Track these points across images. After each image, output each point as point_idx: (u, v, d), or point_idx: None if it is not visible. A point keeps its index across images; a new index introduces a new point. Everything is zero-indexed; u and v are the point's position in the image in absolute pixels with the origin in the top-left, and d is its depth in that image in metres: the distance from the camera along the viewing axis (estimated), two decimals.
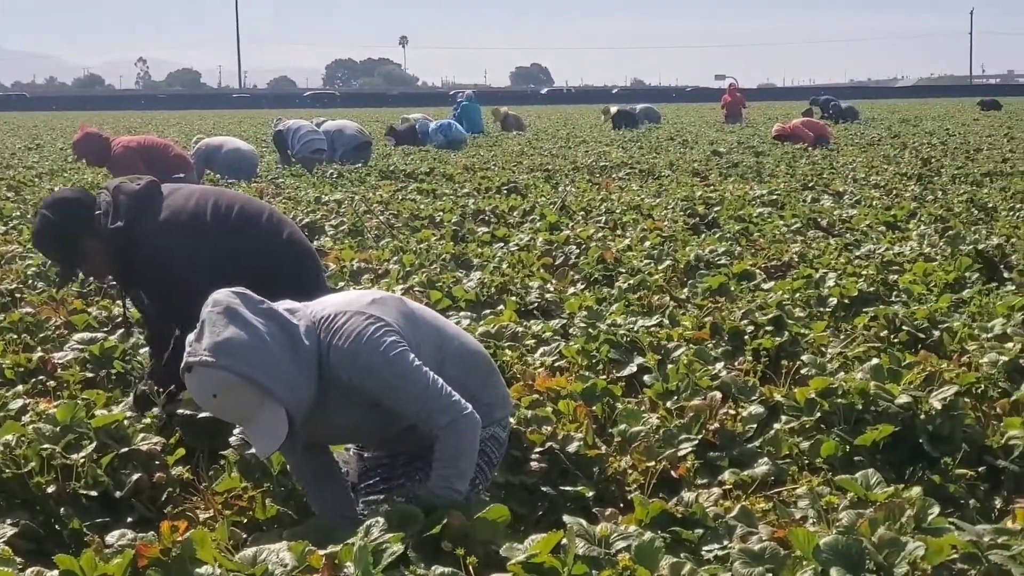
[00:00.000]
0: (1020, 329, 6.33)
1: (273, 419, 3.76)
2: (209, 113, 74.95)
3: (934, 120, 41.83)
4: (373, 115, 56.84)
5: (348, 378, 3.89)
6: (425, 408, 3.92)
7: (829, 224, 11.89)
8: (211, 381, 3.71)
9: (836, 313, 7.45)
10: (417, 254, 9.95)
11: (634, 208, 13.48)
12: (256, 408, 3.75)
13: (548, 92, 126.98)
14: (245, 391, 3.71)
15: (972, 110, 53.00)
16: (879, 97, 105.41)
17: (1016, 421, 4.84)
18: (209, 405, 3.82)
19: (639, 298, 7.88)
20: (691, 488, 4.44)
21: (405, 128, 29.54)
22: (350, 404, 3.98)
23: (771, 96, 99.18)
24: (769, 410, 5.19)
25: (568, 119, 50.24)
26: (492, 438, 4.21)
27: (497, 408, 4.29)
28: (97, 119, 54.64)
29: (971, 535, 3.51)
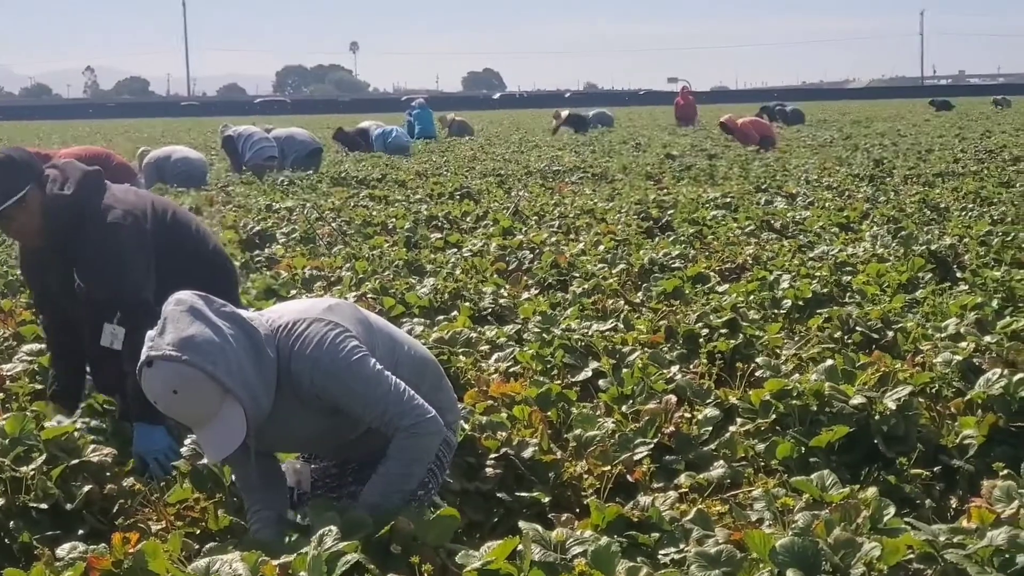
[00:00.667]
0: (973, 328, 6.35)
1: (231, 422, 3.69)
2: (158, 121, 74.64)
3: (886, 121, 42.11)
4: (324, 122, 56.66)
5: (310, 384, 3.84)
6: (388, 411, 3.89)
7: (783, 226, 11.92)
8: (173, 376, 3.62)
9: (790, 315, 7.47)
10: (370, 261, 9.90)
11: (587, 212, 13.49)
12: (215, 408, 3.68)
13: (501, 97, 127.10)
14: (207, 389, 3.64)
15: (923, 111, 53.43)
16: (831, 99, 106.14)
17: (970, 420, 4.85)
18: (167, 402, 3.68)
19: (593, 302, 7.86)
20: (647, 492, 4.41)
21: (353, 131, 29.53)
22: (311, 412, 3.94)
23: (724, 99, 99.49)
24: (724, 413, 5.19)
25: (521, 124, 50.27)
26: (444, 442, 4.17)
27: (448, 412, 4.26)
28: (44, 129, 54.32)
29: (927, 535, 3.51)
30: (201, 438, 3.81)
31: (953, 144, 25.49)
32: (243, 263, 10.04)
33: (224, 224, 12.88)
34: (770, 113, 42.05)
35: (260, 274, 9.40)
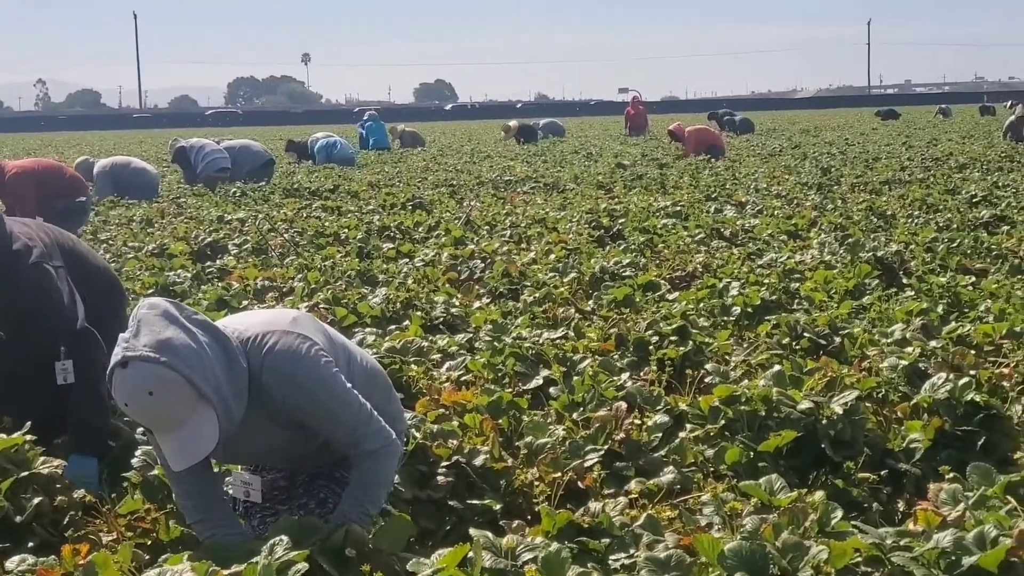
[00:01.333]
0: (919, 334, 6.43)
1: (202, 429, 3.63)
2: (110, 134, 74.19)
3: (833, 130, 42.44)
4: (277, 133, 56.54)
5: (282, 398, 3.82)
6: (355, 433, 3.90)
7: (732, 234, 12.00)
8: (150, 376, 3.54)
9: (740, 322, 7.52)
10: (322, 271, 9.90)
11: (539, 222, 13.53)
12: (188, 414, 3.61)
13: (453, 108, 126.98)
14: (183, 392, 3.57)
15: (871, 120, 53.91)
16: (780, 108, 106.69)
17: (916, 424, 4.91)
18: (140, 404, 3.58)
19: (544, 311, 7.89)
20: (598, 498, 4.44)
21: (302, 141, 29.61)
22: (274, 424, 3.90)
23: (674, 108, 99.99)
24: (674, 419, 5.22)
25: (473, 134, 50.30)
26: None
27: (398, 421, 4.29)
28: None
29: (874, 538, 3.55)
30: (167, 444, 3.70)
31: (900, 152, 25.72)
32: (195, 274, 10.02)
33: (176, 236, 12.85)
34: (719, 121, 42.36)
35: (212, 285, 9.38)
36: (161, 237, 12.91)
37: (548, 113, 75.35)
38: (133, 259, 11.12)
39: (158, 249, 11.82)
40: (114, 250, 12.06)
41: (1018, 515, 3.63)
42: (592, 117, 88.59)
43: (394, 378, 5.99)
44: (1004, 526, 3.49)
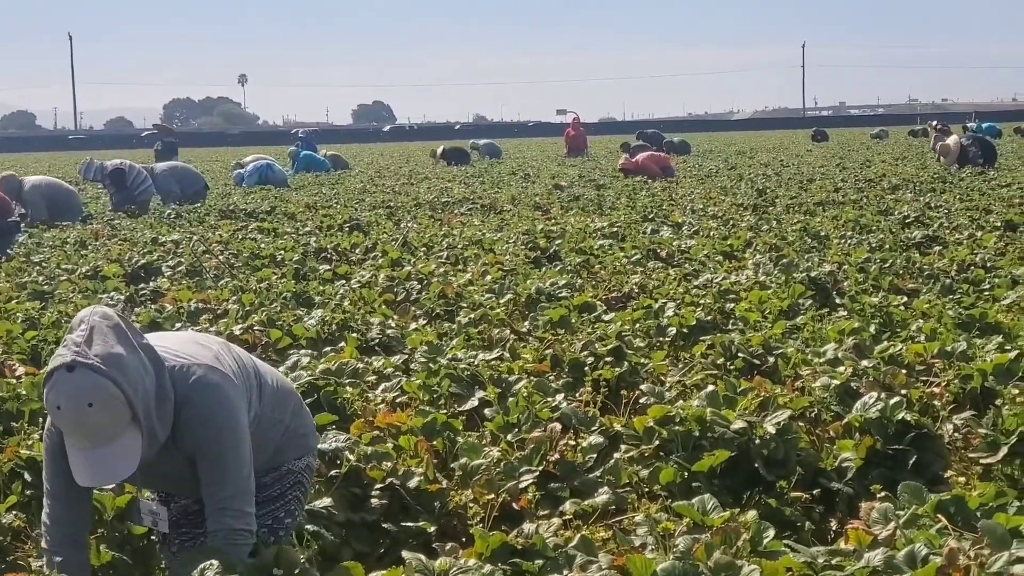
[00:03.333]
0: (851, 353, 6.47)
1: (127, 450, 3.56)
2: (44, 155, 73.44)
3: (769, 152, 42.81)
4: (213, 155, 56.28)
5: (192, 434, 3.74)
6: (229, 500, 3.77)
7: (668, 255, 12.06)
8: (95, 388, 3.47)
9: (675, 342, 7.55)
10: (257, 293, 9.83)
11: (476, 243, 13.53)
12: (118, 432, 3.53)
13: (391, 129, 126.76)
14: (120, 411, 3.50)
15: (805, 141, 54.47)
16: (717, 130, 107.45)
17: (848, 443, 4.94)
18: (75, 411, 3.48)
19: (480, 332, 7.89)
20: (532, 519, 4.43)
21: None
22: (181, 455, 3.81)
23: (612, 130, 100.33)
24: (609, 440, 5.23)
25: (411, 156, 50.27)
26: (308, 467, 4.17)
27: (311, 437, 4.26)
28: None
29: (806, 557, 3.56)
30: (86, 458, 3.58)
31: (834, 174, 25.97)
32: (128, 296, 9.93)
33: (109, 258, 12.75)
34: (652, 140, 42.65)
35: (145, 308, 9.30)
36: (95, 259, 12.80)
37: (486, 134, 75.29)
38: (66, 281, 11.02)
39: (92, 271, 11.72)
40: (47, 272, 11.94)
41: (948, 534, 3.65)
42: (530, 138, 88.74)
43: (328, 400, 5.99)
44: (934, 545, 3.52)
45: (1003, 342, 6.69)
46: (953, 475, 4.92)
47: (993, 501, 3.94)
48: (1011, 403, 5.23)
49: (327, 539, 4.24)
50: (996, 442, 4.91)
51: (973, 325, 7.46)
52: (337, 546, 4.30)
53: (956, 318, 7.61)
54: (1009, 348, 6.41)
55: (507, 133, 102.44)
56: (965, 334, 7.13)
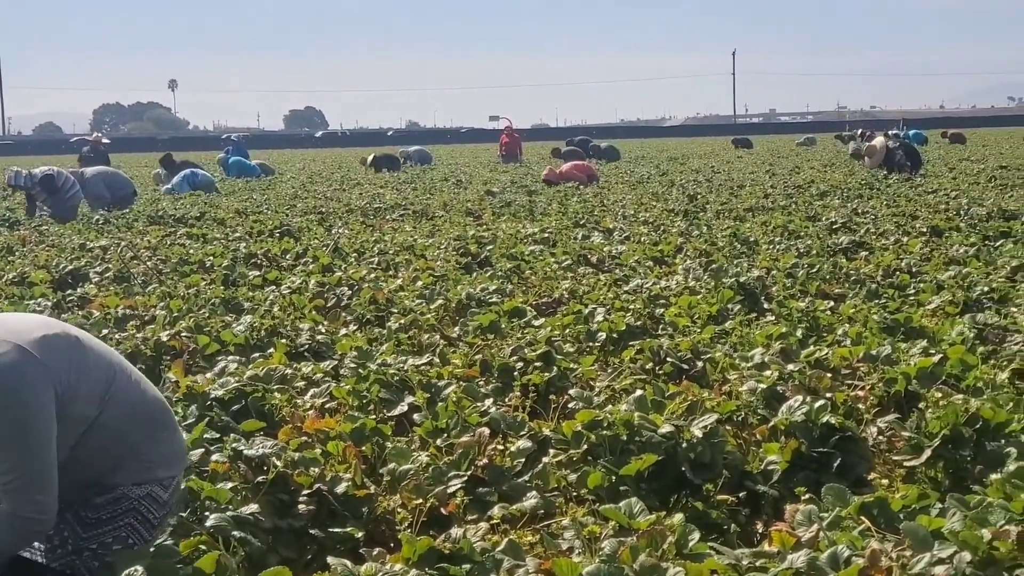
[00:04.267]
0: (778, 358, 6.53)
1: None
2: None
3: (700, 158, 43.11)
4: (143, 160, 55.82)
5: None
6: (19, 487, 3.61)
7: (599, 260, 12.10)
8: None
9: (605, 347, 7.58)
10: (185, 299, 9.76)
11: (407, 249, 13.51)
12: None
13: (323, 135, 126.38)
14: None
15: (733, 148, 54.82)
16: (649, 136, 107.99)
17: (774, 447, 4.98)
18: None
19: (410, 337, 7.87)
20: (460, 524, 4.43)
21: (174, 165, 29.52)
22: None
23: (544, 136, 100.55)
24: (538, 444, 5.23)
25: (343, 162, 50.11)
26: (148, 496, 3.94)
27: (160, 467, 4.00)
28: None
29: (730, 559, 3.59)
30: None
31: (764, 180, 26.16)
32: (55, 303, 9.83)
33: (37, 264, 12.61)
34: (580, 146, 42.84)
35: (72, 314, 9.20)
36: (22, 265, 12.65)
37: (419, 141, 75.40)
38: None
39: (19, 277, 11.57)
40: None
41: (871, 535, 3.70)
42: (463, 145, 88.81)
43: (256, 406, 5.96)
44: (857, 546, 3.56)
45: (927, 346, 6.78)
46: (877, 477, 4.98)
47: (916, 503, 3.99)
48: (934, 406, 5.30)
49: (254, 545, 4.21)
50: (919, 445, 4.96)
51: (898, 329, 7.54)
52: (264, 552, 4.27)
53: (881, 322, 7.69)
54: (933, 352, 6.49)
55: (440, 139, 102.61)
56: (890, 338, 7.22)
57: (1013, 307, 8.58)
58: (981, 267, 10.55)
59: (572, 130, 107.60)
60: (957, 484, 4.77)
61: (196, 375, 6.72)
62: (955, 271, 10.18)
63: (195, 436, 5.18)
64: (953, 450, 4.91)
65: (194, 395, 6.05)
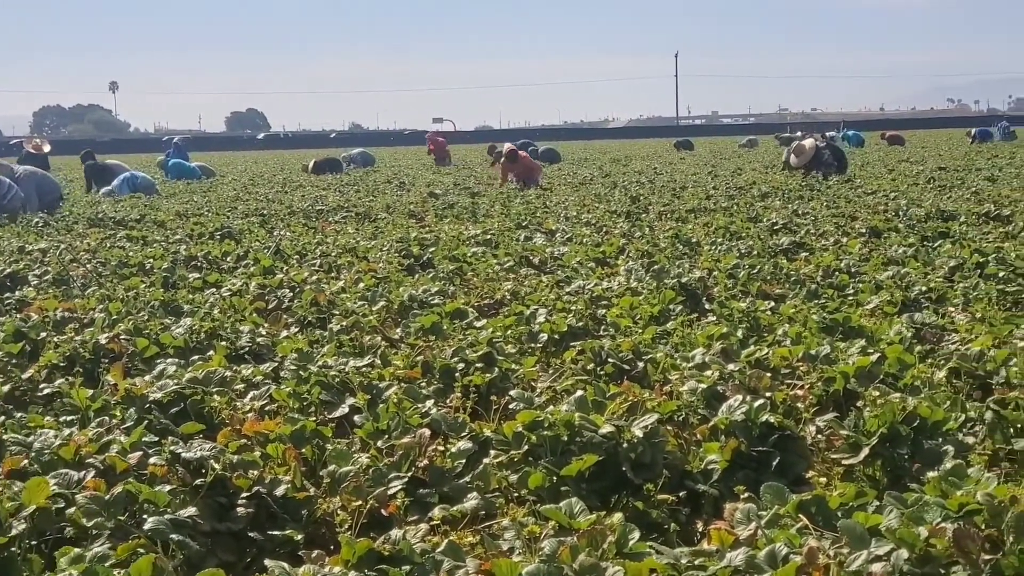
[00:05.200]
0: (718, 357, 6.55)
1: None
2: None
3: (643, 159, 43.30)
4: None
5: None
6: None
7: (541, 262, 12.11)
8: None
9: (546, 348, 7.58)
10: (124, 302, 9.68)
11: (349, 251, 13.47)
12: None
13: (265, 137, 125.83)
14: None
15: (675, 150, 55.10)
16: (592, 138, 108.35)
17: (714, 446, 4.99)
18: None
19: (352, 339, 7.85)
20: (401, 526, 4.41)
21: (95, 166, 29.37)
22: None
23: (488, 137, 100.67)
24: (479, 445, 5.22)
25: (286, 164, 49.92)
26: None
27: None
28: None
29: (669, 558, 3.60)
30: None
31: (706, 181, 26.30)
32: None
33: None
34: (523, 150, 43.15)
35: (10, 317, 9.09)
36: None
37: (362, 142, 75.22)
38: None
39: None
40: None
41: (809, 533, 3.72)
42: (407, 147, 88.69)
43: (195, 409, 5.93)
44: (795, 544, 3.58)
45: (866, 345, 6.82)
46: (815, 476, 4.99)
47: (853, 501, 4.01)
48: (872, 405, 5.33)
49: (192, 548, 4.17)
50: (857, 443, 4.99)
51: (837, 329, 7.59)
52: (202, 555, 4.23)
53: (821, 322, 7.74)
54: (871, 351, 6.53)
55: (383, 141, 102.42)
56: (829, 338, 7.26)
57: (950, 307, 8.68)
58: (919, 267, 10.65)
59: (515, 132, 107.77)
60: (895, 482, 4.80)
61: (135, 378, 6.66)
62: (893, 271, 10.26)
63: (133, 439, 5.14)
64: (891, 448, 4.95)
65: (132, 398, 6.00)
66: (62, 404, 6.06)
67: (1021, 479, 4.82)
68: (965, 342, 7.12)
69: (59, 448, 4.93)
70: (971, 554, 3.37)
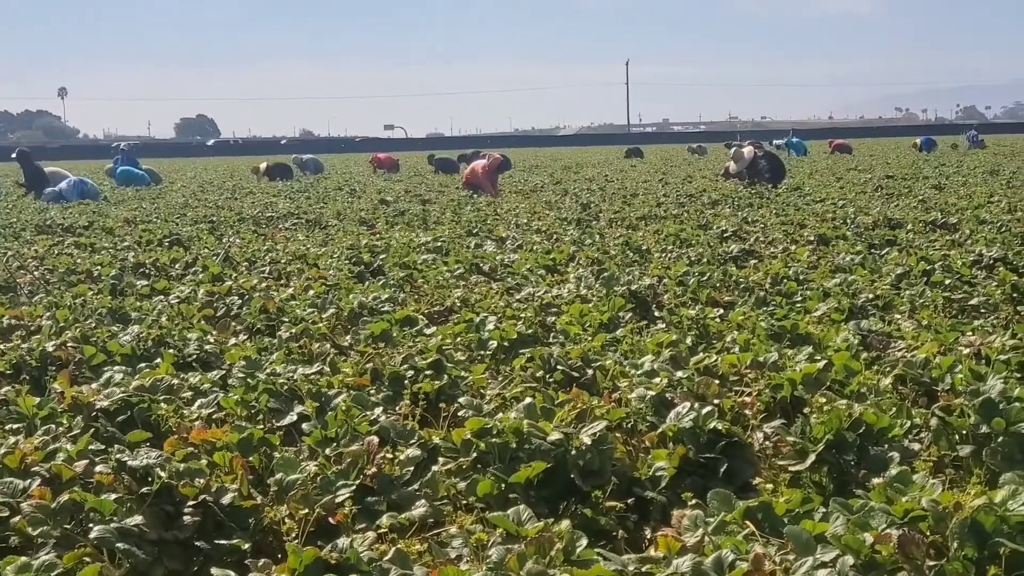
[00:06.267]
0: (667, 365, 6.58)
1: None
2: None
3: (594, 167, 43.37)
4: None
5: None
6: None
7: (492, 269, 12.10)
8: None
9: (496, 355, 7.57)
10: (72, 309, 9.60)
11: (300, 258, 13.43)
12: None
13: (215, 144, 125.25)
14: None
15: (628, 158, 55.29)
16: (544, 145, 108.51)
17: (662, 453, 5.01)
18: None
19: (301, 346, 7.81)
20: (348, 534, 4.40)
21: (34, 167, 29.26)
22: None
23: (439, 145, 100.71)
24: (427, 452, 5.21)
25: (236, 170, 49.71)
26: None
27: None
28: None
29: (616, 565, 3.61)
30: None
31: (657, 189, 26.39)
32: None
33: None
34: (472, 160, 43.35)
35: None
36: None
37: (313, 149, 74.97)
38: None
39: None
40: None
41: (755, 539, 3.73)
42: (358, 154, 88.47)
43: (142, 417, 5.89)
44: (741, 551, 3.59)
45: (813, 352, 6.86)
46: (762, 482, 5.02)
47: (799, 507, 4.03)
48: (819, 411, 5.36)
49: (138, 557, 4.15)
50: (804, 450, 5.02)
51: (785, 336, 7.63)
52: (149, 564, 4.20)
53: (769, 329, 7.77)
54: (819, 358, 6.57)
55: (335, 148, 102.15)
56: (777, 345, 7.31)
57: (897, 314, 8.74)
58: (866, 275, 10.72)
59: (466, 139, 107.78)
60: (841, 488, 4.83)
61: (82, 386, 6.60)
62: (841, 279, 10.32)
63: (80, 447, 5.10)
64: (837, 455, 4.98)
65: (79, 406, 5.96)
66: (8, 412, 6.01)
67: (965, 485, 4.86)
68: (911, 349, 7.17)
69: (4, 456, 4.89)
70: (916, 560, 3.40)
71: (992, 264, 11.24)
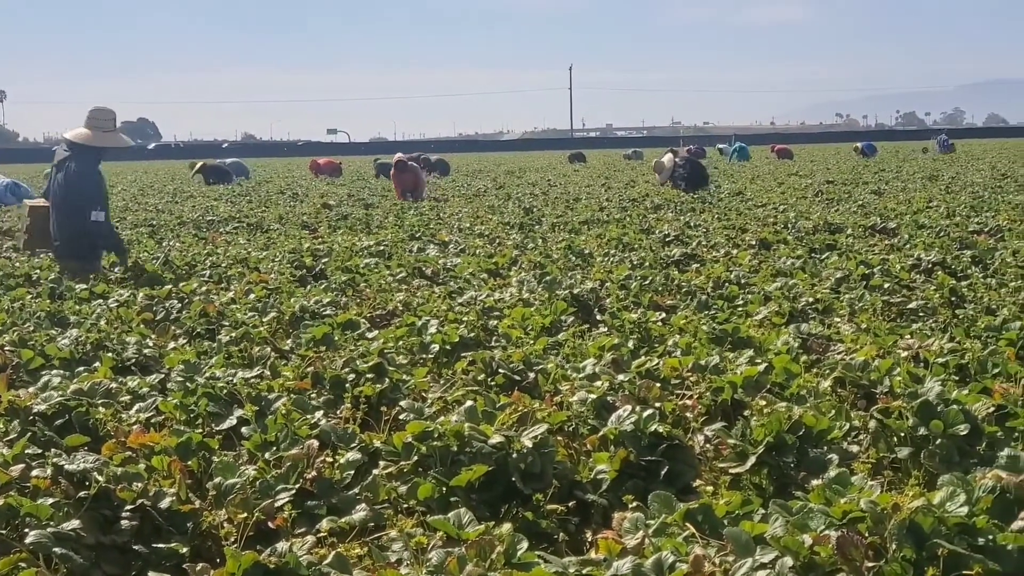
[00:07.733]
0: (609, 368, 6.58)
1: None
2: None
3: (537, 171, 43.46)
4: None
5: None
6: None
7: (434, 273, 12.09)
8: None
9: (438, 359, 7.56)
10: (9, 313, 9.50)
11: (241, 262, 13.35)
12: None
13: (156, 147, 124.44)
14: None
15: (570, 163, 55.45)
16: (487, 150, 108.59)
17: (603, 456, 5.01)
18: None
19: (241, 350, 7.76)
20: (288, 538, 4.37)
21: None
22: None
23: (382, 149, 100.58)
24: (368, 456, 5.19)
25: (176, 174, 49.39)
26: None
27: None
28: None
29: (557, 567, 3.60)
30: None
31: (599, 193, 26.46)
32: None
33: None
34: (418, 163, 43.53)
35: None
36: None
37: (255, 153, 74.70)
38: None
39: None
40: None
41: (695, 541, 3.74)
42: (301, 157, 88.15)
43: (80, 421, 5.83)
44: (681, 552, 3.59)
45: (754, 355, 6.90)
46: (703, 484, 5.04)
47: (739, 509, 4.05)
48: (759, 414, 5.38)
49: (75, 562, 4.10)
50: (744, 452, 5.04)
51: (726, 339, 7.67)
52: (86, 569, 4.16)
53: (710, 333, 7.81)
54: (759, 361, 6.61)
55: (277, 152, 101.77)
56: (718, 348, 7.33)
57: (836, 317, 8.81)
58: (807, 279, 10.79)
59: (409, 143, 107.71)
60: (781, 490, 4.86)
61: (19, 390, 6.53)
62: (782, 283, 10.39)
63: (16, 451, 5.05)
64: (777, 457, 5.00)
65: (16, 410, 5.89)
66: None
67: (904, 487, 4.90)
68: (850, 352, 7.22)
69: None
70: (855, 561, 3.42)
71: (930, 268, 11.35)
